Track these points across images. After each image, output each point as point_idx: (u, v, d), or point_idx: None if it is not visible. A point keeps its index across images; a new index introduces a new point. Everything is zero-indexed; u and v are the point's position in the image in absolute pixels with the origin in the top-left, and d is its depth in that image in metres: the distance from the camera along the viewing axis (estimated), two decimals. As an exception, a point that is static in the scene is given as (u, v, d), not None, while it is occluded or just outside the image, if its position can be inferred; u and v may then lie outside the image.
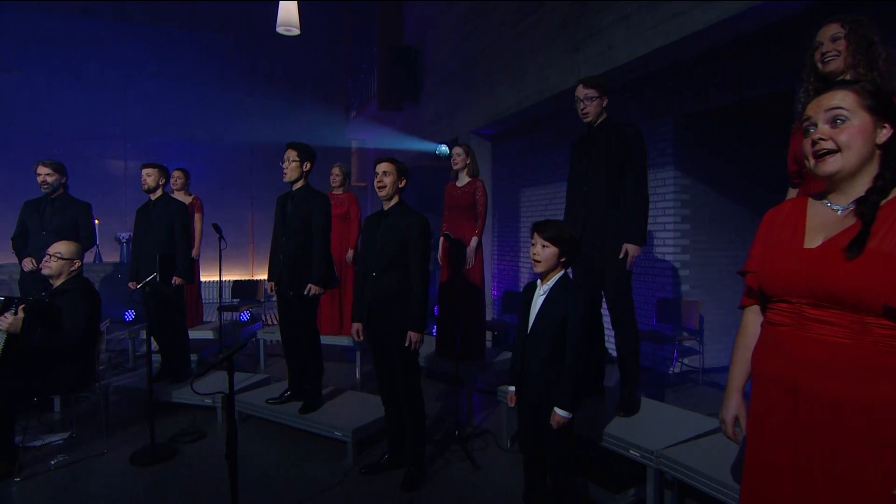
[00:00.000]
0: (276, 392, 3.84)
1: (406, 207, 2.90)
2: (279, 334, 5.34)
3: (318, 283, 3.47)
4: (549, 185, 7.13)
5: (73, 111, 9.43)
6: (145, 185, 4.10)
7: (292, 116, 10.58)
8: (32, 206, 4.29)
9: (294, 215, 3.53)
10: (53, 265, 3.18)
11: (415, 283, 2.77)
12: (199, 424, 3.77)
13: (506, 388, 3.38)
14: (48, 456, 3.24)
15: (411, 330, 2.76)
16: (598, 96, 3.00)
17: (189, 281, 4.19)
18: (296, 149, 3.55)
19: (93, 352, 3.22)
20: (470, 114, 6.32)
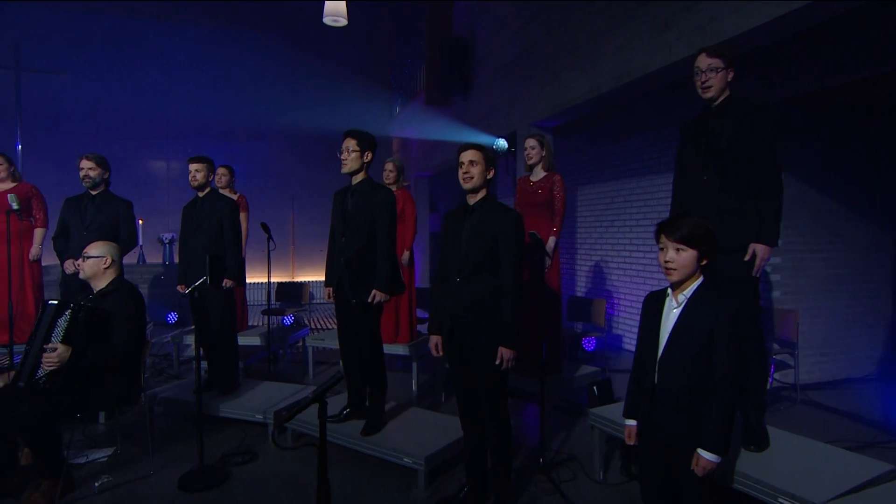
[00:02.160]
0: (332, 408, 3.46)
1: (496, 202, 2.47)
2: (329, 341, 5.06)
3: (383, 290, 3.08)
4: (609, 181, 6.62)
5: (118, 112, 9.36)
6: (195, 181, 3.79)
7: (334, 115, 10.32)
8: (73, 204, 4.05)
9: (355, 213, 3.15)
10: (86, 267, 2.88)
11: (507, 291, 2.34)
12: (250, 442, 3.42)
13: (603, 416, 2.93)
14: (93, 476, 2.93)
15: (503, 346, 2.33)
16: (724, 67, 2.52)
17: (240, 284, 3.86)
18: (355, 137, 3.16)
19: (139, 362, 2.90)
20: (530, 105, 5.87)
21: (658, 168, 5.82)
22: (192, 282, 3.71)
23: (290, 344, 5.27)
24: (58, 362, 2.53)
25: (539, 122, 5.76)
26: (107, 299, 2.84)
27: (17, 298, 4.42)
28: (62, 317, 2.60)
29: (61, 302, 2.64)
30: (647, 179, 6.07)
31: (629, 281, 6.45)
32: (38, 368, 2.57)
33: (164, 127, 9.72)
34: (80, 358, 2.59)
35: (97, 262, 2.86)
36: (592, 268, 7.06)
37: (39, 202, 4.73)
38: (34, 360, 2.58)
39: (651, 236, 6.41)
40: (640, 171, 6.13)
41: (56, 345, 2.55)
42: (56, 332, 2.58)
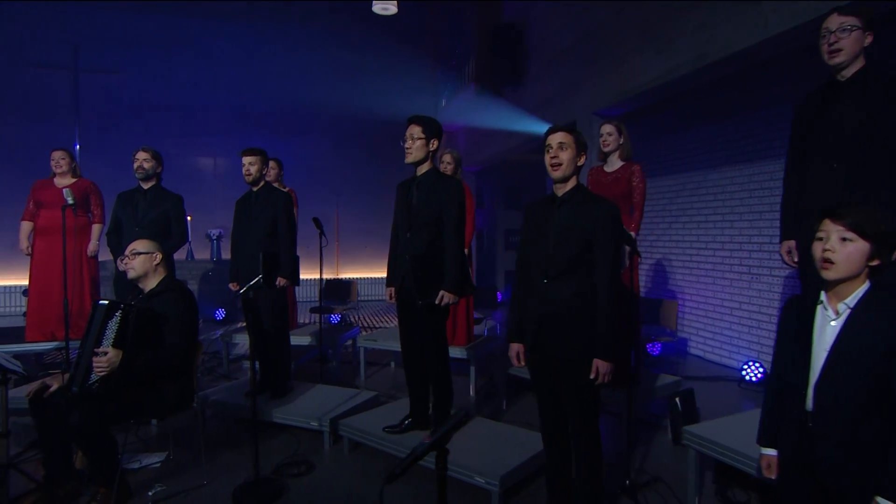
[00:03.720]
0: (390, 416, 3.23)
1: (589, 192, 2.16)
2: (381, 342, 4.85)
3: (452, 290, 2.81)
4: (674, 174, 6.16)
5: (167, 109, 9.44)
6: (248, 175, 3.60)
7: (378, 109, 10.14)
8: (125, 199, 3.98)
9: (421, 206, 2.88)
10: (135, 264, 2.70)
11: (603, 295, 2.03)
12: (304, 451, 3.21)
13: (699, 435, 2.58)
14: (147, 483, 2.78)
15: (598, 357, 2.03)
16: (860, 27, 2.13)
17: (295, 282, 3.67)
18: (420, 123, 2.90)
19: (192, 365, 2.73)
20: (591, 93, 5.50)
21: (731, 159, 5.36)
22: (245, 279, 3.56)
23: (340, 344, 5.07)
24: (108, 368, 2.37)
25: (601, 110, 5.39)
26: (158, 300, 2.68)
27: (74, 294, 4.37)
28: (112, 319, 2.44)
29: (112, 302, 2.48)
30: (717, 171, 5.60)
31: (696, 281, 5.99)
32: (90, 373, 2.43)
33: (211, 123, 9.75)
34: (131, 362, 2.43)
35: (147, 259, 2.70)
36: (653, 266, 6.62)
37: (97, 198, 4.69)
38: (86, 365, 2.43)
39: (722, 233, 5.91)
40: (710, 162, 5.67)
41: (106, 349, 2.39)
42: (107, 335, 2.42)
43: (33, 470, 2.79)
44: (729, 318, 5.45)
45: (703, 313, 5.83)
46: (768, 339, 4.96)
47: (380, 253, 10.63)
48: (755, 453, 2.40)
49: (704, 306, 5.82)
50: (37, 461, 2.97)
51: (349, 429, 3.15)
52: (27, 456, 3.10)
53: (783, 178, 2.55)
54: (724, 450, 2.48)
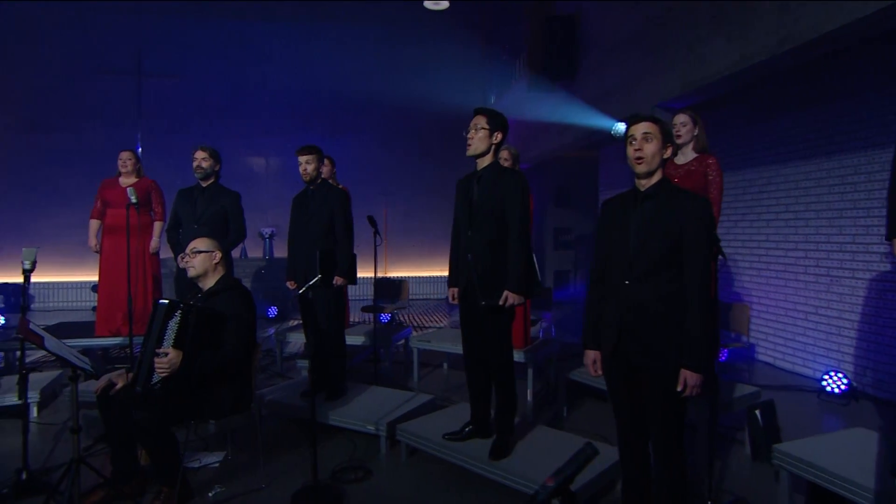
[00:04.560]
0: (449, 421, 3.11)
1: (675, 187, 1.97)
2: (435, 343, 4.75)
3: (517, 291, 2.66)
4: (741, 170, 5.79)
5: (222, 111, 9.66)
6: (305, 173, 3.57)
7: (428, 107, 10.08)
8: (185, 196, 4.05)
9: (483, 202, 2.75)
10: (195, 263, 2.68)
11: (695, 298, 1.84)
12: (361, 455, 3.14)
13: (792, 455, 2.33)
14: (206, 483, 2.77)
15: (687, 367, 1.84)
16: None
17: (352, 281, 3.61)
18: (485, 114, 2.77)
19: (251, 367, 2.69)
20: (655, 84, 5.22)
21: (808, 152, 4.97)
22: (302, 277, 3.53)
23: (393, 344, 5.01)
24: (169, 369, 2.36)
25: (665, 102, 5.11)
26: (216, 299, 2.65)
27: (137, 291, 4.48)
28: (172, 318, 2.43)
29: (172, 302, 2.47)
30: (790, 166, 5.22)
31: (764, 283, 5.61)
32: (152, 374, 2.42)
33: (263, 123, 9.92)
34: (190, 363, 2.41)
35: (207, 258, 2.68)
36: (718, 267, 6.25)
37: (158, 196, 4.80)
38: (149, 365, 2.43)
39: (796, 232, 5.51)
40: (783, 156, 5.28)
41: (167, 349, 2.38)
42: (167, 335, 2.41)
43: (101, 465, 2.83)
44: (803, 324, 5.07)
45: (774, 318, 5.45)
46: (850, 346, 4.58)
47: (427, 252, 10.59)
48: (857, 477, 2.16)
49: (774, 310, 5.44)
50: (104, 455, 3.02)
51: (407, 434, 3.05)
52: (96, 449, 3.17)
53: (891, 169, 2.28)
54: (822, 472, 2.24)
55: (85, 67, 8.90)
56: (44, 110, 8.94)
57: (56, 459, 3.08)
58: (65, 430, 3.48)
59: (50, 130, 8.93)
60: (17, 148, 8.85)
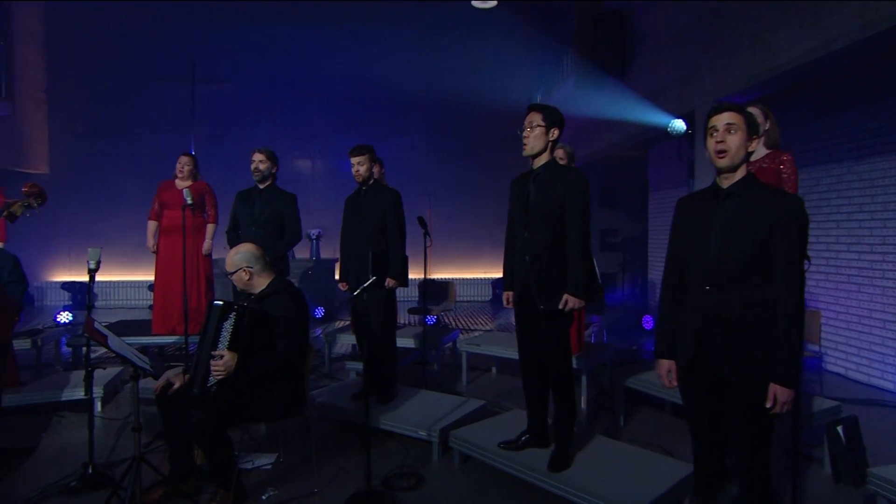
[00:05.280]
0: (503, 428, 3.01)
1: (761, 183, 1.82)
2: (485, 347, 4.65)
3: (577, 294, 2.54)
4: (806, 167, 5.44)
5: (269, 114, 9.86)
6: (358, 174, 3.54)
7: (473, 108, 10.01)
8: (243, 197, 4.11)
9: (540, 201, 2.64)
10: (235, 280, 2.69)
11: (786, 305, 1.69)
12: (412, 462, 3.07)
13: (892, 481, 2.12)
14: (259, 485, 2.76)
15: (777, 381, 1.68)
16: None
17: (404, 283, 3.56)
18: (540, 111, 2.67)
19: (304, 369, 2.67)
20: (714, 78, 4.98)
21: (885, 148, 4.62)
22: (353, 278, 3.49)
23: (441, 347, 4.94)
24: (225, 371, 2.35)
25: (727, 96, 4.85)
26: (269, 301, 2.64)
27: (191, 291, 4.58)
28: (227, 320, 2.42)
29: (226, 303, 2.47)
30: (865, 163, 4.86)
31: (834, 288, 5.26)
32: (208, 376, 2.42)
33: (309, 126, 10.06)
34: (245, 365, 2.40)
35: (241, 275, 2.65)
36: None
37: (212, 199, 4.90)
38: (205, 367, 2.43)
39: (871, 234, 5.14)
40: (857, 152, 4.93)
41: (223, 352, 2.38)
42: (222, 337, 2.41)
43: (158, 462, 2.87)
44: (881, 333, 4.71)
45: (845, 325, 5.09)
46: (935, 357, 4.21)
47: (471, 253, 10.50)
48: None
49: (846, 317, 5.08)
50: (162, 452, 3.07)
51: (460, 441, 2.97)
52: (154, 446, 3.22)
53: None
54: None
55: (142, 76, 9.26)
56: (105, 117, 9.34)
57: (118, 454, 3.16)
58: (126, 425, 3.56)
59: (110, 136, 9.32)
60: (81, 153, 9.29)
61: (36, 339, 4.54)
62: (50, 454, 3.20)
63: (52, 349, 4.96)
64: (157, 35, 9.31)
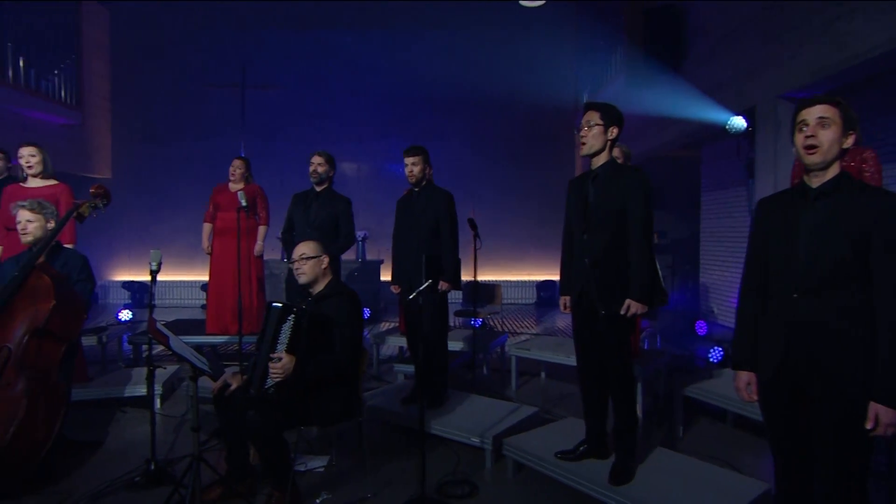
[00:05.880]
0: (558, 437, 2.92)
1: (857, 182, 1.67)
2: (535, 352, 4.55)
3: (639, 299, 2.44)
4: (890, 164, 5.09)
5: (317, 118, 10.02)
6: (412, 175, 3.51)
7: (517, 109, 9.91)
8: (300, 200, 4.17)
9: (600, 203, 2.55)
10: (306, 268, 2.68)
11: (889, 315, 1.54)
12: (464, 469, 3.02)
13: None
14: (313, 488, 2.76)
15: (879, 401, 1.54)
16: None
17: (457, 287, 3.51)
18: (598, 109, 2.59)
19: (358, 373, 2.66)
20: (778, 71, 4.72)
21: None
22: (406, 280, 3.46)
23: (490, 350, 4.87)
24: (283, 374, 2.36)
25: (792, 91, 4.60)
26: (326, 303, 2.64)
27: (244, 292, 4.66)
28: (286, 323, 2.43)
29: (285, 305, 2.48)
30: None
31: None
32: (266, 378, 2.44)
33: (354, 129, 10.16)
34: (303, 368, 2.40)
35: (316, 263, 2.67)
36: None
37: (263, 201, 4.99)
38: (263, 369, 2.45)
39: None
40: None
41: (281, 354, 2.39)
42: (281, 339, 2.43)
43: (215, 460, 2.91)
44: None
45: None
46: None
47: (516, 255, 10.37)
48: None
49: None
50: (218, 451, 3.12)
51: (514, 449, 2.89)
52: (211, 444, 3.28)
53: None
54: None
55: (196, 83, 9.58)
56: (162, 124, 9.71)
57: (176, 451, 3.24)
58: (183, 422, 3.66)
59: (166, 142, 9.68)
60: (140, 159, 9.68)
61: (101, 336, 4.73)
62: (114, 448, 3.31)
63: (115, 346, 5.16)
64: (210, 43, 9.62)
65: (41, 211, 3.11)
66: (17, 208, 3.11)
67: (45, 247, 3.07)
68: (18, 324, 2.83)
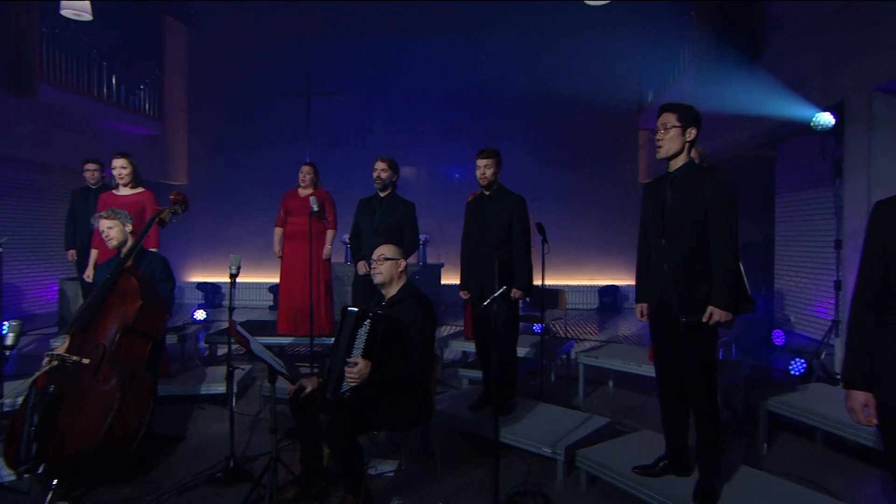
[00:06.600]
0: (635, 450, 2.81)
1: None
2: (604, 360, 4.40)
3: (723, 306, 2.31)
4: None
5: (378, 123, 10.20)
6: (484, 178, 3.45)
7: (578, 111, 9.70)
8: (365, 205, 4.22)
9: (679, 207, 2.44)
10: (383, 269, 2.70)
11: None
12: (536, 479, 2.95)
13: None
14: (384, 493, 2.77)
15: None
16: None
17: (529, 294, 3.46)
18: (674, 110, 2.50)
19: (431, 379, 2.66)
20: (874, 63, 4.37)
21: None
22: (476, 286, 3.43)
23: (556, 357, 4.77)
24: (359, 378, 2.38)
25: (892, 82, 4.25)
26: (399, 308, 2.65)
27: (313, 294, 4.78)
28: (362, 327, 2.46)
29: (361, 310, 2.51)
30: None
31: None
32: (342, 382, 2.47)
33: (414, 135, 10.25)
34: (378, 373, 2.42)
35: (394, 265, 2.70)
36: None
37: (331, 206, 5.11)
38: (338, 373, 2.48)
39: None
40: None
41: (357, 359, 2.41)
42: (357, 344, 2.45)
43: (289, 460, 2.99)
44: None
45: None
46: None
47: (576, 259, 10.14)
48: None
49: None
50: (291, 451, 3.20)
51: (588, 461, 2.80)
52: (285, 444, 3.37)
53: None
54: None
55: (264, 93, 9.98)
56: (232, 132, 10.18)
57: (252, 449, 3.34)
58: (257, 421, 3.78)
59: (236, 149, 10.14)
60: (212, 164, 10.19)
61: (182, 335, 4.98)
62: (194, 443, 3.47)
63: (192, 345, 5.43)
64: (277, 55, 10.00)
65: (116, 217, 3.35)
66: (97, 220, 3.34)
67: (131, 251, 3.26)
68: (111, 323, 3.02)
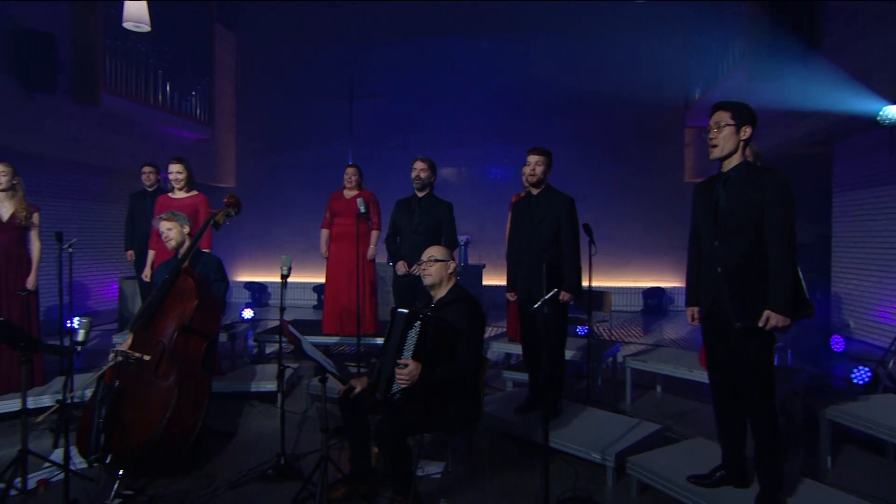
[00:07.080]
0: (688, 459, 2.73)
1: None
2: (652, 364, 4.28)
3: (781, 310, 2.22)
4: None
5: (419, 125, 10.25)
6: (533, 176, 3.42)
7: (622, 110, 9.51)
8: (402, 206, 4.26)
9: (733, 208, 2.37)
10: (433, 271, 2.70)
11: None
12: (584, 485, 2.90)
13: None
14: (431, 495, 2.78)
15: None
16: None
17: (578, 296, 3.41)
18: (728, 108, 2.43)
19: (479, 382, 2.65)
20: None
21: None
22: (524, 288, 3.39)
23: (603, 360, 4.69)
24: (409, 381, 2.40)
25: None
26: (448, 310, 2.66)
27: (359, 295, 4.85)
28: (412, 329, 2.47)
29: (411, 312, 2.52)
30: None
31: None
32: (392, 383, 2.49)
33: (456, 136, 10.25)
34: (428, 375, 2.43)
35: (443, 267, 2.70)
36: None
37: (375, 207, 5.17)
38: (388, 374, 2.50)
39: None
40: None
41: (408, 361, 2.43)
42: (407, 346, 2.47)
43: (337, 458, 3.03)
44: None
45: None
46: None
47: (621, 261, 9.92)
48: None
49: None
50: (339, 450, 3.25)
51: (640, 469, 2.74)
52: (331, 444, 3.42)
53: None
54: None
55: (308, 96, 10.19)
56: (277, 135, 10.45)
57: (301, 447, 3.40)
58: (305, 419, 3.85)
59: (280, 151, 10.40)
60: (258, 167, 10.49)
61: (233, 333, 5.14)
62: (245, 439, 3.57)
63: (241, 343, 5.59)
64: (320, 59, 10.19)
65: (174, 218, 3.49)
66: (157, 222, 3.49)
67: (188, 252, 3.39)
68: (170, 322, 3.14)
